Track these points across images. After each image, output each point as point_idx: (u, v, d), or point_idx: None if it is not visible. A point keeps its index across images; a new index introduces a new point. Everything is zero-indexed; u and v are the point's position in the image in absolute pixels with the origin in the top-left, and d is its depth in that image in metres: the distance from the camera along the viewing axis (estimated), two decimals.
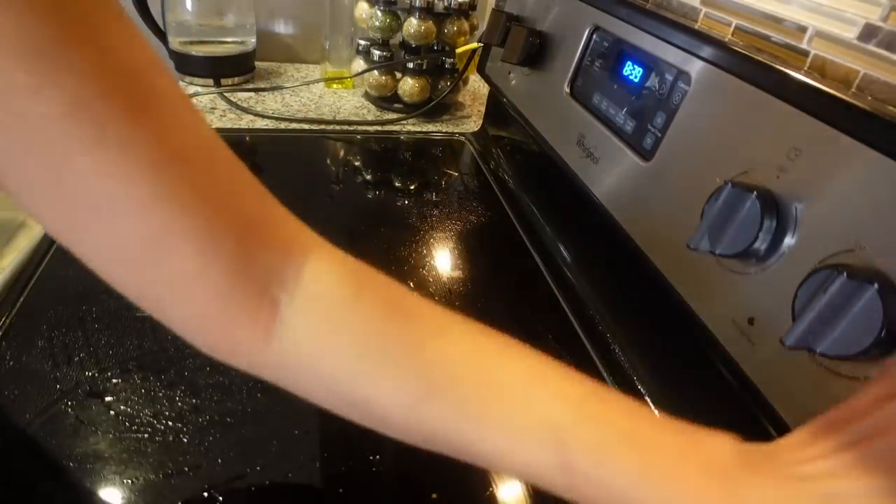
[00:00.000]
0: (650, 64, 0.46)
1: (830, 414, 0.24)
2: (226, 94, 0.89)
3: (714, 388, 0.38)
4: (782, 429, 0.31)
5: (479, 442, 0.24)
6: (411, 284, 0.54)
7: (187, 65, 0.91)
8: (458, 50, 0.87)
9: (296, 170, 0.76)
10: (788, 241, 0.32)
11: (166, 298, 0.26)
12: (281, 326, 0.25)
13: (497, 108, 0.83)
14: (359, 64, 0.93)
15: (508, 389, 0.24)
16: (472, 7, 0.89)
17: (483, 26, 0.78)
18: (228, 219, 0.24)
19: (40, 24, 0.18)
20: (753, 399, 0.33)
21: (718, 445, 0.23)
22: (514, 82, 0.70)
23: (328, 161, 0.79)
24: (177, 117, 0.23)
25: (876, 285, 0.25)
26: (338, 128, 0.86)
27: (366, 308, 0.25)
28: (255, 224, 0.25)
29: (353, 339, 0.25)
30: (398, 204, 0.70)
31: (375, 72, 0.90)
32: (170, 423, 0.38)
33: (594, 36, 0.54)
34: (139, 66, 0.22)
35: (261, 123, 0.83)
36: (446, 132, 0.90)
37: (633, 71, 0.48)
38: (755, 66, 0.36)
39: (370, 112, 0.92)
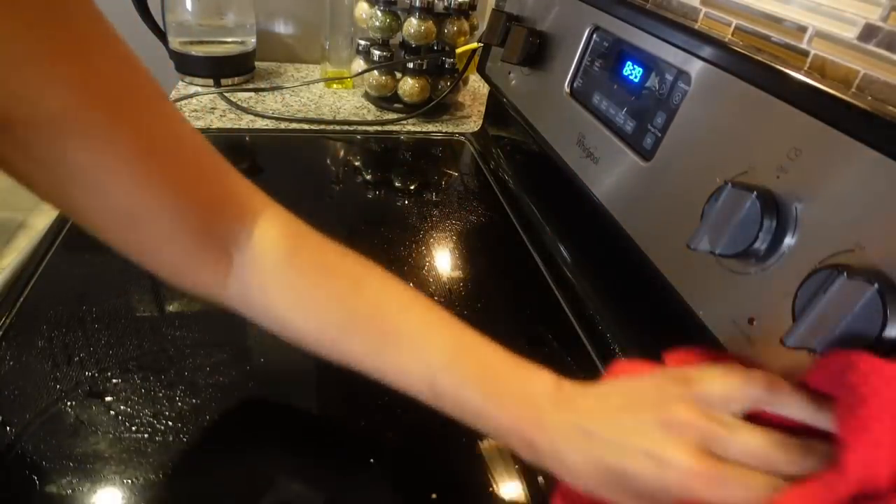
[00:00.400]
0: (650, 64, 0.46)
1: (634, 376, 0.32)
2: (226, 94, 0.89)
3: None
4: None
5: (377, 370, 0.33)
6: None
7: (187, 65, 0.91)
8: (458, 50, 0.87)
9: (296, 170, 0.76)
10: (788, 241, 0.32)
11: (146, 254, 0.33)
12: (234, 275, 0.33)
13: (497, 108, 0.83)
14: (359, 64, 0.93)
15: (406, 335, 0.33)
16: (472, 7, 0.89)
17: (483, 26, 0.78)
18: (193, 197, 0.31)
19: (37, 39, 0.23)
20: None
21: (543, 381, 0.32)
22: (514, 82, 0.70)
23: (328, 161, 0.79)
24: (151, 118, 0.29)
25: (876, 285, 0.25)
26: (338, 128, 0.86)
27: (299, 265, 0.34)
28: (215, 199, 0.33)
29: (287, 290, 0.34)
30: (398, 204, 0.70)
31: (375, 72, 0.90)
32: (170, 423, 0.38)
33: (594, 36, 0.54)
34: (122, 80, 0.27)
35: (261, 123, 0.83)
36: (446, 132, 0.90)
37: (633, 71, 0.48)
38: (755, 66, 0.36)
39: (370, 112, 0.92)
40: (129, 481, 0.34)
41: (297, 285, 0.34)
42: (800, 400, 0.27)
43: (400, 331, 0.33)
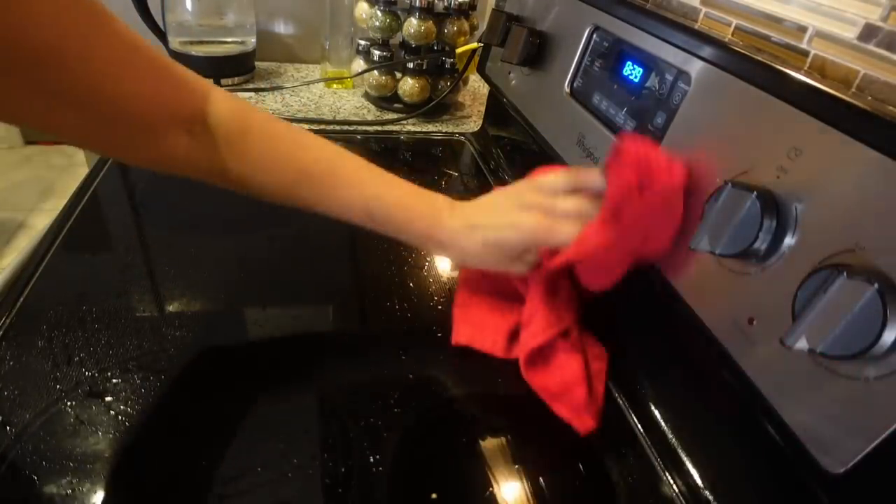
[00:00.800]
0: (650, 64, 0.46)
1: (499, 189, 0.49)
2: None
3: (714, 388, 0.38)
4: (782, 428, 0.31)
5: (325, 209, 0.45)
6: (411, 284, 0.54)
7: (187, 65, 0.90)
8: (458, 50, 0.87)
9: None
10: (788, 241, 0.32)
11: (118, 148, 0.39)
12: (198, 150, 0.40)
13: (497, 108, 0.83)
14: (359, 64, 0.93)
15: (344, 178, 0.45)
16: (472, 7, 0.89)
17: (483, 26, 0.78)
18: (159, 89, 0.37)
19: None
20: (753, 399, 0.33)
21: (442, 199, 0.48)
22: (514, 82, 0.70)
23: None
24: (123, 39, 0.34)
25: (876, 285, 0.25)
26: (338, 128, 0.86)
27: (250, 137, 0.42)
28: (175, 89, 0.39)
29: (244, 158, 0.42)
30: None
31: (375, 72, 0.90)
32: (169, 423, 0.38)
33: (594, 36, 0.54)
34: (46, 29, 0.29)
35: None
36: (446, 132, 0.90)
37: (633, 71, 0.48)
38: (755, 66, 0.36)
39: (370, 112, 0.92)
40: (129, 481, 0.34)
41: (252, 154, 0.42)
42: (595, 179, 0.43)
43: (339, 175, 0.45)
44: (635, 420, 0.43)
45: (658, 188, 0.37)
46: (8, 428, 0.36)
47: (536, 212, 0.44)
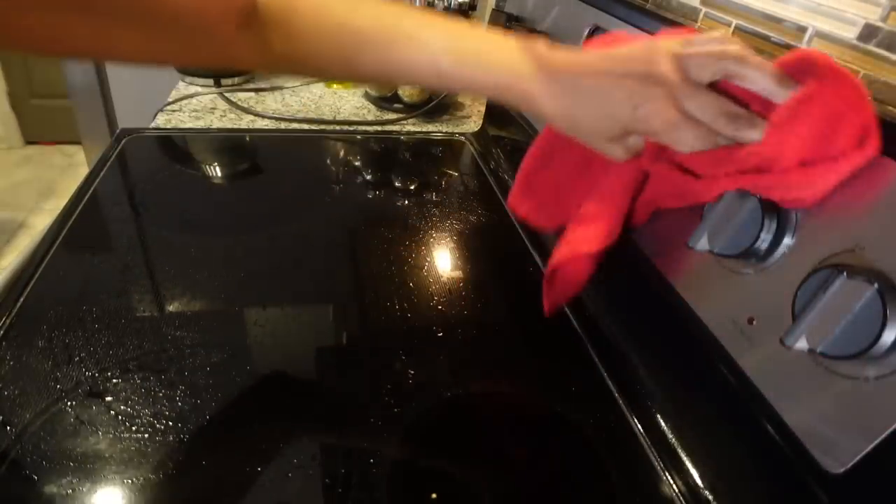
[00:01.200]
0: None
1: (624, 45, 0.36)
2: (226, 94, 0.89)
3: (714, 388, 0.38)
4: (782, 428, 0.31)
5: (390, 73, 0.40)
6: (411, 284, 0.54)
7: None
8: None
9: (296, 170, 0.76)
10: (788, 241, 0.32)
11: (199, 51, 0.38)
12: (255, 39, 0.38)
13: (497, 108, 0.83)
14: None
15: (407, 37, 0.39)
16: (472, 7, 0.89)
17: (483, 26, 0.78)
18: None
19: None
20: (753, 399, 0.33)
21: (532, 39, 0.38)
22: None
23: (328, 161, 0.79)
24: None
25: (876, 285, 0.25)
26: (338, 128, 0.86)
27: (298, 11, 0.39)
28: None
29: (299, 35, 0.39)
30: (398, 204, 0.70)
31: None
32: (170, 423, 0.38)
33: (594, 36, 0.54)
34: None
35: (261, 123, 0.83)
36: (446, 132, 0.90)
37: None
38: None
39: (370, 112, 0.92)
40: (129, 481, 0.34)
41: (304, 26, 0.39)
42: (762, 78, 0.31)
43: (401, 35, 0.39)
44: (635, 420, 0.43)
45: (842, 141, 0.28)
46: (8, 428, 0.36)
47: (664, 93, 0.33)
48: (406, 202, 0.70)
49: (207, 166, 0.74)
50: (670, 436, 0.41)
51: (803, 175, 0.29)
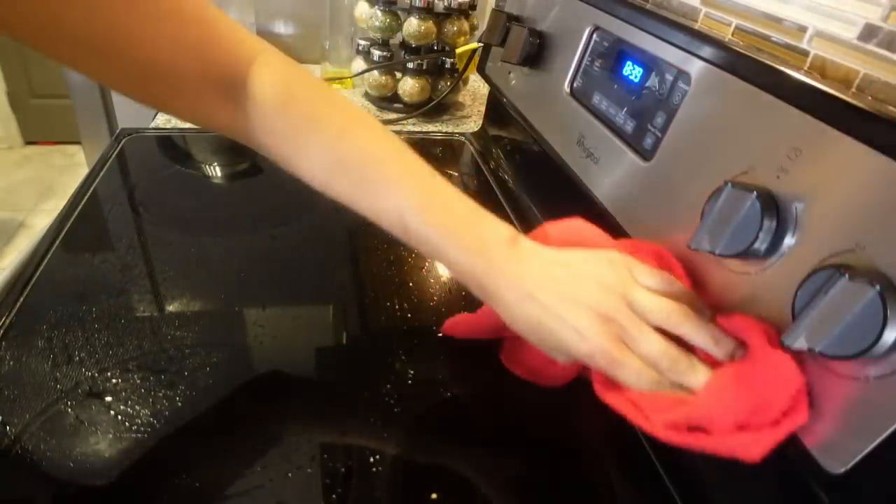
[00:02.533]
0: (650, 64, 0.46)
1: (580, 249, 0.39)
2: None
3: None
4: None
5: (359, 209, 0.39)
6: (411, 284, 0.54)
7: None
8: (458, 50, 0.87)
9: None
10: (788, 241, 0.32)
11: (166, 104, 0.40)
12: (239, 117, 0.40)
13: (497, 108, 0.83)
14: (359, 64, 0.93)
15: (383, 182, 0.39)
16: (472, 7, 0.89)
17: (483, 26, 0.78)
18: (190, 52, 0.37)
19: None
20: None
21: (499, 232, 0.38)
22: (514, 82, 0.70)
23: None
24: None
25: (878, 287, 0.25)
26: None
27: (292, 116, 0.39)
28: (211, 54, 0.38)
29: (282, 137, 0.40)
30: None
31: (375, 72, 0.90)
32: (170, 423, 0.38)
33: (594, 36, 0.54)
34: None
35: None
36: (446, 132, 0.90)
37: (633, 71, 0.48)
38: (755, 66, 0.36)
39: (370, 112, 0.92)
40: (129, 481, 0.34)
41: (290, 134, 0.40)
42: (703, 336, 0.33)
43: (378, 178, 0.39)
44: None
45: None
46: (8, 428, 0.36)
47: (613, 331, 0.34)
48: None
49: (207, 166, 0.74)
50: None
51: (739, 440, 0.29)
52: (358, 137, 0.40)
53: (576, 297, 0.35)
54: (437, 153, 0.84)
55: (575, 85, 0.57)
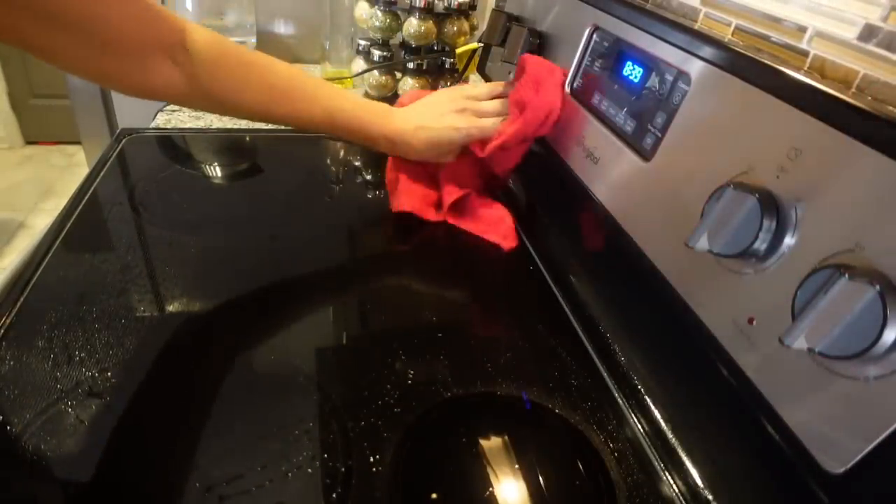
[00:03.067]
0: (650, 64, 0.46)
1: (431, 94, 0.65)
2: None
3: (714, 388, 0.38)
4: (782, 429, 0.31)
5: (295, 121, 0.56)
6: (411, 284, 0.54)
7: None
8: (458, 50, 0.87)
9: (296, 170, 0.76)
10: (788, 241, 0.32)
11: (118, 78, 0.47)
12: (181, 77, 0.48)
13: None
14: (359, 64, 0.93)
15: (308, 93, 0.56)
16: (472, 7, 0.89)
17: (483, 26, 0.78)
18: (142, 20, 0.44)
19: None
20: (753, 399, 0.33)
21: (387, 106, 0.62)
22: None
23: (328, 161, 0.79)
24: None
25: (878, 287, 0.25)
26: None
27: (226, 63, 0.51)
28: (160, 22, 0.46)
29: (222, 82, 0.51)
30: None
31: (375, 72, 0.90)
32: (170, 423, 0.38)
33: (594, 36, 0.54)
34: None
35: (261, 123, 0.83)
36: None
37: (633, 71, 0.48)
38: (755, 66, 0.36)
39: None
40: (129, 482, 0.34)
41: (228, 75, 0.51)
42: (505, 89, 0.63)
43: (304, 91, 0.55)
44: (635, 420, 0.43)
45: (548, 86, 0.56)
46: (8, 428, 0.36)
47: (469, 114, 0.60)
48: None
49: (207, 166, 0.74)
50: (670, 436, 0.41)
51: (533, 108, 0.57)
52: (279, 68, 0.54)
53: (440, 111, 0.60)
54: None
55: (575, 85, 0.57)
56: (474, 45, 0.85)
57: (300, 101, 0.55)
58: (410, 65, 0.89)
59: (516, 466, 0.39)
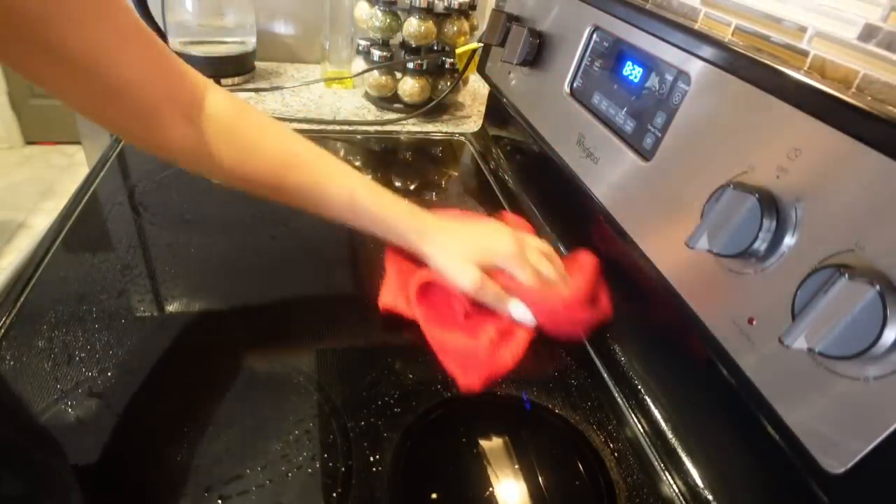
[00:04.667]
0: (650, 64, 0.46)
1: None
2: None
3: (714, 388, 0.38)
4: (782, 429, 0.31)
5: (309, 201, 0.48)
6: None
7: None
8: (458, 50, 0.87)
9: None
10: (788, 241, 0.32)
11: (122, 126, 0.42)
12: (192, 137, 0.42)
13: (497, 108, 0.83)
14: (359, 64, 0.93)
15: (328, 172, 0.49)
16: (472, 7, 0.89)
17: (483, 26, 0.78)
18: (160, 74, 0.40)
19: None
20: (753, 399, 0.33)
21: (416, 205, 0.52)
22: (514, 82, 0.70)
23: None
24: (124, 14, 0.36)
25: (878, 287, 0.25)
26: (338, 128, 0.86)
27: (243, 126, 0.46)
28: (174, 76, 0.41)
29: (235, 145, 0.45)
30: None
31: (375, 72, 0.90)
32: (170, 423, 0.38)
33: (594, 36, 0.54)
34: None
35: None
36: (446, 132, 0.90)
37: (633, 71, 0.48)
38: (755, 66, 0.36)
39: (370, 112, 0.92)
40: (129, 482, 0.34)
41: (246, 141, 0.45)
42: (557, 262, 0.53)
43: (324, 169, 0.48)
44: (635, 420, 0.43)
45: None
46: (8, 428, 0.36)
47: (504, 277, 0.49)
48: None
49: None
50: (670, 436, 0.41)
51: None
52: (300, 141, 0.48)
53: (480, 247, 0.51)
54: (437, 153, 0.84)
55: (575, 85, 0.57)
56: (474, 45, 0.85)
57: (319, 175, 0.48)
58: (410, 65, 0.89)
59: (516, 466, 0.39)
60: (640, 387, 0.45)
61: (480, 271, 0.48)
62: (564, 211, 0.63)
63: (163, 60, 0.40)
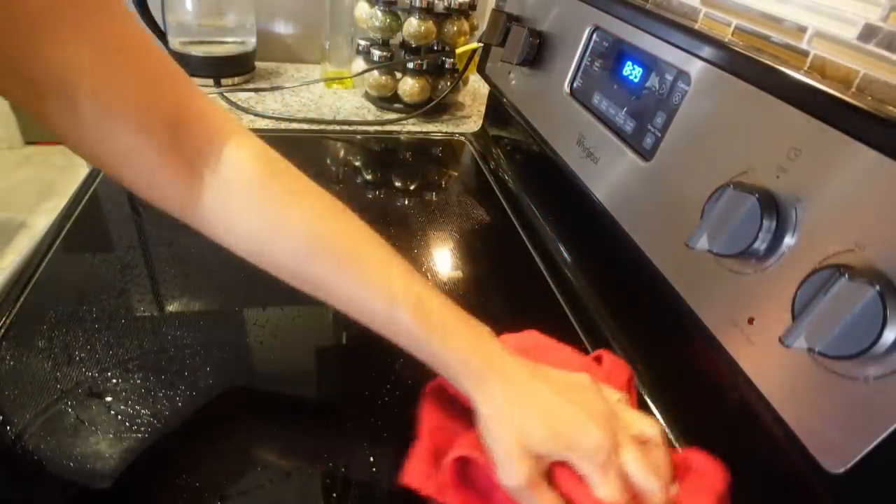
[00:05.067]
0: (650, 64, 0.46)
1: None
2: (226, 95, 0.89)
3: (714, 389, 0.38)
4: (782, 429, 0.31)
5: (339, 296, 0.34)
6: None
7: (187, 65, 0.91)
8: (458, 50, 0.87)
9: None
10: (788, 241, 0.32)
11: (117, 167, 0.33)
12: (203, 195, 0.34)
13: (497, 108, 0.83)
14: (359, 64, 0.93)
15: (368, 264, 0.34)
16: (472, 7, 0.89)
17: (483, 26, 0.78)
18: (156, 103, 0.31)
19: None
20: (753, 399, 0.33)
21: (484, 328, 0.36)
22: (514, 82, 0.70)
23: (328, 161, 0.79)
24: (113, 26, 0.30)
25: (877, 287, 0.25)
26: (338, 128, 0.86)
27: (268, 192, 0.35)
28: (181, 110, 0.32)
29: (256, 215, 0.34)
30: (398, 204, 0.70)
31: (375, 72, 0.90)
32: (170, 423, 0.38)
33: (594, 36, 0.54)
34: (126, 36, 0.30)
35: (261, 123, 0.83)
36: (446, 132, 0.90)
37: (633, 71, 0.48)
38: (755, 66, 0.36)
39: (370, 112, 0.92)
40: (130, 481, 0.34)
41: (266, 211, 0.34)
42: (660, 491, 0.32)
43: (363, 258, 0.35)
44: None
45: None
46: (8, 428, 0.36)
47: (611, 433, 0.32)
48: (406, 202, 0.70)
49: None
50: (670, 435, 0.41)
51: None
52: (340, 217, 0.36)
53: (586, 391, 0.34)
54: (437, 153, 0.84)
55: (575, 85, 0.57)
56: (474, 45, 0.85)
57: (356, 269, 0.34)
58: (410, 65, 0.89)
59: None
60: (640, 386, 0.45)
61: (532, 470, 0.31)
62: (564, 211, 0.63)
63: (168, 102, 0.32)
